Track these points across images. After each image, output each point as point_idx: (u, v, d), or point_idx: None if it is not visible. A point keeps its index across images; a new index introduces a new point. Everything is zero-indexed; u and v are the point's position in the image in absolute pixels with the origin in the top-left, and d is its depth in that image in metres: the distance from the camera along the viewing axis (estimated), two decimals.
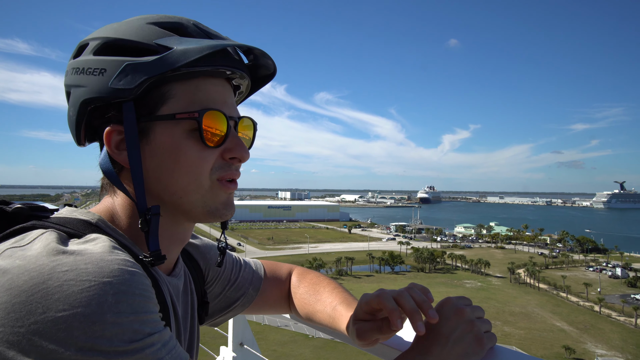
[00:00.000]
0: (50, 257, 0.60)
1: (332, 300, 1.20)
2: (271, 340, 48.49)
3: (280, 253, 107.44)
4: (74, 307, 0.56)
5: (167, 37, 0.80)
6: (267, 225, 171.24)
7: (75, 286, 0.57)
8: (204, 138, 0.80)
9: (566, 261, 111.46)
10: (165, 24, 0.83)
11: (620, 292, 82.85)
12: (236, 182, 0.88)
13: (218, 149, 0.83)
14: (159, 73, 0.76)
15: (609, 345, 57.12)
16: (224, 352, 2.01)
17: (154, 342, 0.62)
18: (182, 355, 0.66)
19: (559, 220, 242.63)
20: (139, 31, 0.81)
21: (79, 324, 0.56)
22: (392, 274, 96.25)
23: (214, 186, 0.83)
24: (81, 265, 0.60)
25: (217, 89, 0.84)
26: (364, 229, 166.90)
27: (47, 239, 0.65)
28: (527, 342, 55.00)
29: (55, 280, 0.58)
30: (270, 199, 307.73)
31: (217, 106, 0.83)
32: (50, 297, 0.56)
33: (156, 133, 0.80)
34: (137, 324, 0.60)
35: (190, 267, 1.11)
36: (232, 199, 0.88)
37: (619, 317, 68.63)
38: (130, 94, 0.77)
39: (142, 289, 0.64)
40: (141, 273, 0.66)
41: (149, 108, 0.79)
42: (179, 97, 0.80)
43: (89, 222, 0.79)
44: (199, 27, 0.86)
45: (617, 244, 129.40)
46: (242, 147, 0.85)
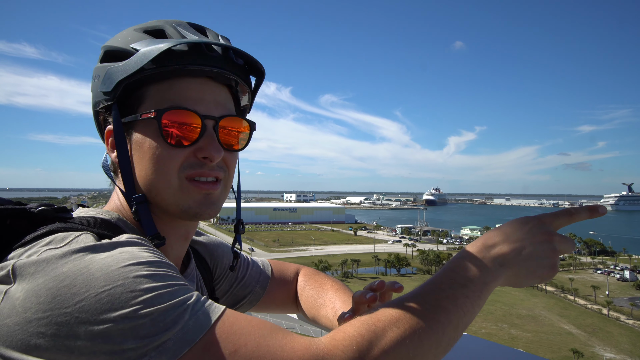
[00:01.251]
0: (88, 250, 0.67)
1: (335, 304, 1.21)
2: None
3: (286, 255, 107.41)
4: (113, 281, 0.62)
5: (142, 40, 0.86)
6: (272, 228, 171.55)
7: (114, 266, 0.64)
8: (164, 136, 0.82)
9: (574, 264, 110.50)
10: (147, 29, 0.88)
11: (629, 295, 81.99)
12: (218, 182, 0.89)
13: (188, 148, 0.85)
14: (128, 75, 0.82)
15: (617, 348, 56.50)
16: None
17: (189, 298, 0.67)
18: (218, 307, 0.70)
19: None
20: (124, 37, 0.88)
21: (120, 294, 0.61)
22: (397, 276, 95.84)
23: (184, 185, 0.85)
24: (116, 254, 0.67)
25: (193, 87, 0.85)
26: (369, 231, 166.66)
27: (84, 242, 0.69)
28: (535, 345, 54.55)
29: (96, 264, 0.64)
30: (276, 201, 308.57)
31: (190, 104, 0.84)
32: (92, 277, 0.62)
33: (135, 133, 0.86)
34: (171, 288, 0.66)
35: (198, 265, 1.14)
36: (211, 198, 0.88)
37: (627, 320, 67.88)
38: (112, 96, 0.85)
39: (171, 268, 0.71)
40: (167, 261, 0.72)
41: (133, 109, 0.86)
42: (152, 97, 0.84)
43: (109, 222, 0.84)
44: (179, 28, 0.88)
45: (626, 247, 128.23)
46: (212, 146, 0.85)
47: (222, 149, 0.88)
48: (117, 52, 0.87)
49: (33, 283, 0.61)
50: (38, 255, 0.66)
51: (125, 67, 0.83)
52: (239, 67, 0.92)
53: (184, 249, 0.99)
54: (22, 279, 0.63)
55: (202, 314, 0.65)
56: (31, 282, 0.62)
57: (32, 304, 0.60)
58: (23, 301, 0.60)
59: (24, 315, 0.59)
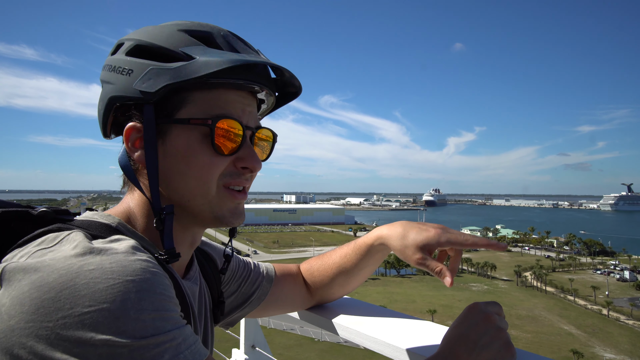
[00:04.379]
0: (78, 257, 0.63)
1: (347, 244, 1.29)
2: (277, 344, 48.44)
3: (285, 256, 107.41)
4: (99, 303, 0.59)
5: (193, 45, 0.83)
6: (272, 229, 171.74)
7: (101, 284, 0.60)
8: (215, 145, 0.82)
9: (573, 264, 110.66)
10: (195, 32, 0.86)
11: (628, 295, 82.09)
12: (245, 192, 0.90)
13: (230, 157, 0.85)
14: (180, 80, 0.79)
15: (617, 349, 56.56)
16: (236, 355, 2.01)
17: (175, 337, 0.64)
18: (202, 351, 0.68)
19: (565, 222, 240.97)
20: (169, 37, 0.84)
21: (103, 319, 0.58)
22: (397, 277, 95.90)
23: (221, 193, 0.86)
24: (106, 264, 0.63)
25: (236, 99, 0.86)
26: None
27: (74, 240, 0.68)
28: (535, 345, 54.56)
29: (83, 278, 0.60)
30: (276, 203, 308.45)
31: (234, 115, 0.84)
32: (78, 294, 0.59)
33: (172, 136, 0.83)
34: (159, 321, 0.63)
35: (206, 267, 1.13)
36: (241, 207, 0.90)
37: (627, 320, 67.97)
38: (152, 96, 0.80)
39: (163, 289, 0.66)
40: (162, 274, 0.68)
41: (168, 111, 0.83)
42: (197, 103, 0.83)
43: (109, 226, 0.82)
44: (228, 39, 0.88)
45: (625, 247, 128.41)
46: (254, 157, 0.87)
47: (260, 160, 0.89)
48: (158, 50, 0.83)
49: (19, 290, 0.60)
50: (28, 256, 0.66)
51: (180, 71, 0.79)
52: (273, 81, 0.93)
53: (188, 255, 0.98)
54: (9, 284, 0.62)
55: (184, 358, 0.64)
56: (17, 289, 0.61)
57: (16, 312, 0.59)
58: (8, 308, 0.60)
59: (9, 322, 0.59)
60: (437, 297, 76.70)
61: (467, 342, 0.84)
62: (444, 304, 71.21)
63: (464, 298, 75.24)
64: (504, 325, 0.88)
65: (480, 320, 0.86)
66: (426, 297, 76.73)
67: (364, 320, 1.29)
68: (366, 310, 1.37)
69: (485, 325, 0.85)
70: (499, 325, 0.86)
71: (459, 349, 0.84)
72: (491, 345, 0.83)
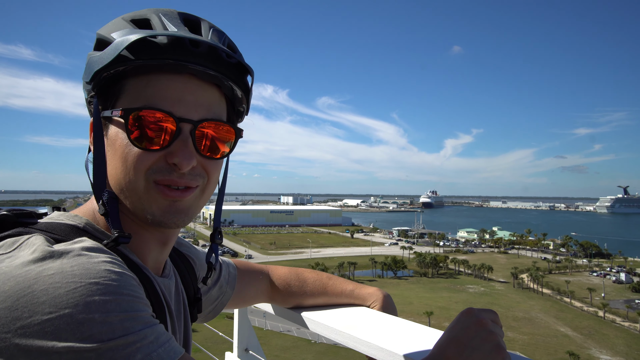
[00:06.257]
0: (36, 262, 0.60)
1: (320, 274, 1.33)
2: (273, 346, 48.37)
3: (282, 258, 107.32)
4: (60, 308, 0.56)
5: (123, 29, 0.79)
6: (269, 230, 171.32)
7: (62, 288, 0.57)
8: (131, 138, 0.77)
9: (570, 266, 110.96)
10: (134, 17, 0.82)
11: (624, 297, 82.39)
12: (189, 189, 0.82)
13: (159, 152, 0.79)
14: (104, 65, 0.77)
15: (613, 350, 56.73)
16: (230, 358, 2.00)
17: (146, 336, 0.62)
18: (177, 349, 0.65)
19: (562, 225, 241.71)
20: (110, 26, 0.82)
21: (66, 325, 0.55)
22: (394, 278, 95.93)
23: (151, 189, 0.79)
24: (67, 268, 0.60)
25: (172, 85, 0.78)
26: (366, 234, 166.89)
27: (33, 244, 0.65)
28: (531, 347, 54.68)
29: (42, 284, 0.57)
30: (273, 204, 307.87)
31: (166, 104, 0.77)
32: (37, 301, 0.56)
33: (111, 128, 0.81)
34: (128, 321, 0.60)
35: (180, 266, 1.11)
36: (178, 206, 0.82)
37: (623, 322, 68.18)
38: (91, 87, 0.80)
39: (131, 289, 0.64)
40: (128, 274, 0.66)
41: (109, 103, 0.81)
42: (129, 92, 0.79)
43: (76, 227, 0.79)
44: (164, 19, 0.81)
45: (621, 249, 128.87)
46: (184, 152, 0.79)
47: (194, 156, 0.81)
48: (101, 40, 0.81)
49: None
50: None
51: (102, 57, 0.77)
52: (229, 65, 0.84)
53: (163, 255, 0.94)
54: None
55: (157, 356, 0.61)
56: None
57: None
58: None
59: None
60: (434, 299, 76.72)
61: (458, 344, 0.84)
62: (441, 306, 71.22)
63: (460, 300, 75.33)
64: (498, 331, 0.87)
65: (472, 323, 0.86)
66: (423, 298, 76.73)
67: (357, 324, 1.27)
68: (360, 313, 1.37)
69: (476, 328, 0.85)
70: (490, 329, 0.85)
71: (449, 351, 0.84)
72: (481, 348, 0.82)
